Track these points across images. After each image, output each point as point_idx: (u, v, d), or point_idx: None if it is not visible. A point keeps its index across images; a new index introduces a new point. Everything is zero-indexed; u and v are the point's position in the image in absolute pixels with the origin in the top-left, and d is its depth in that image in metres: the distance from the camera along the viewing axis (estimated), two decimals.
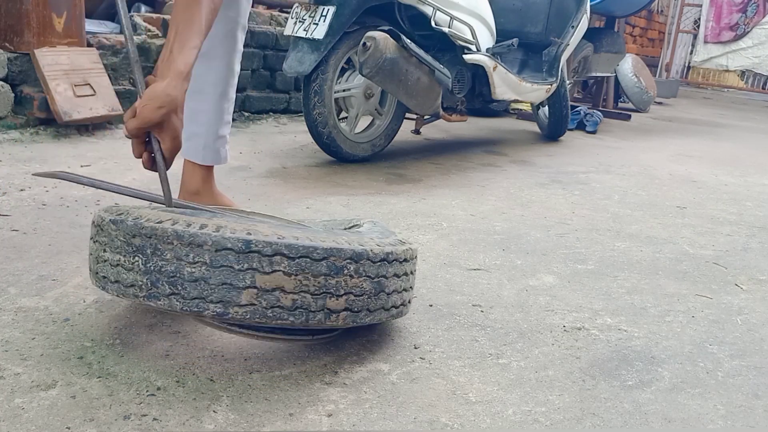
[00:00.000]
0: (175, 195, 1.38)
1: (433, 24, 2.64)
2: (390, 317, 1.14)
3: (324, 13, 2.49)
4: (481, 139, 3.77)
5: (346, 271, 1.03)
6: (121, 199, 1.87)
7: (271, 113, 3.77)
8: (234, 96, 1.74)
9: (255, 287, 0.98)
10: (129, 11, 3.40)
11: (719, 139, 4.75)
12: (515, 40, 3.02)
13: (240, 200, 2.07)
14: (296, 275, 1.00)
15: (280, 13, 4.22)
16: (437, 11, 2.63)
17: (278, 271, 0.99)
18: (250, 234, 0.99)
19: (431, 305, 1.42)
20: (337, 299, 1.04)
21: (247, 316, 0.99)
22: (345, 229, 1.46)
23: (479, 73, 2.97)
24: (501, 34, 3.16)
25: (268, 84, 3.78)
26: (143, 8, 3.52)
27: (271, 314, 1.00)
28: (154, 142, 1.15)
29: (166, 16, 3.35)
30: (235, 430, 0.95)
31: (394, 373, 1.13)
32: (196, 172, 1.72)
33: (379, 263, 1.08)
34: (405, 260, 1.15)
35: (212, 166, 1.74)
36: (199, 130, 1.69)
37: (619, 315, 1.47)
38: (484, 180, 2.70)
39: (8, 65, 2.65)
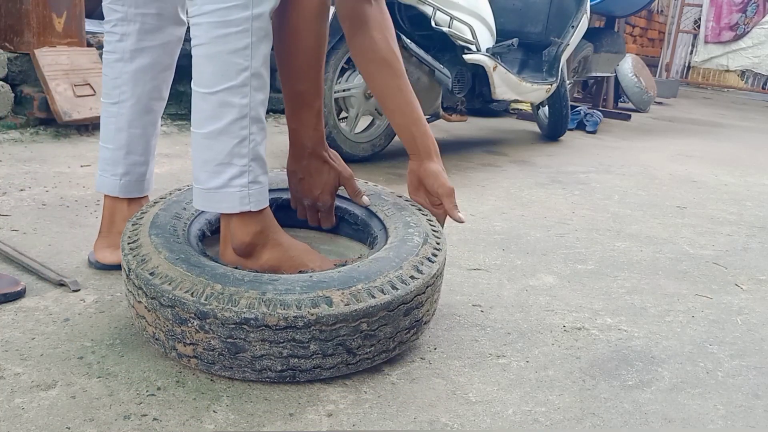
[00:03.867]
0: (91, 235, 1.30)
1: (433, 24, 2.64)
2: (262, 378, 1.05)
3: None
4: (481, 139, 3.77)
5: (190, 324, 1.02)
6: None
7: (271, 113, 3.77)
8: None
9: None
10: None
11: (719, 139, 4.75)
12: (515, 40, 3.02)
13: None
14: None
15: None
16: (437, 11, 2.63)
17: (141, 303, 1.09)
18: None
19: None
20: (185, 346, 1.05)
21: None
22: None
23: (479, 73, 2.97)
24: (501, 34, 3.16)
25: None
26: None
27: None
28: None
29: None
30: (235, 430, 0.95)
31: (394, 373, 1.13)
32: (128, 205, 1.46)
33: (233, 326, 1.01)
34: (289, 328, 1.00)
35: None
36: (143, 158, 1.44)
37: (619, 315, 1.47)
38: (484, 180, 2.70)
39: (8, 65, 2.65)
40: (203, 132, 1.12)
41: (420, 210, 1.37)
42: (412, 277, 1.11)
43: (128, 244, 1.16)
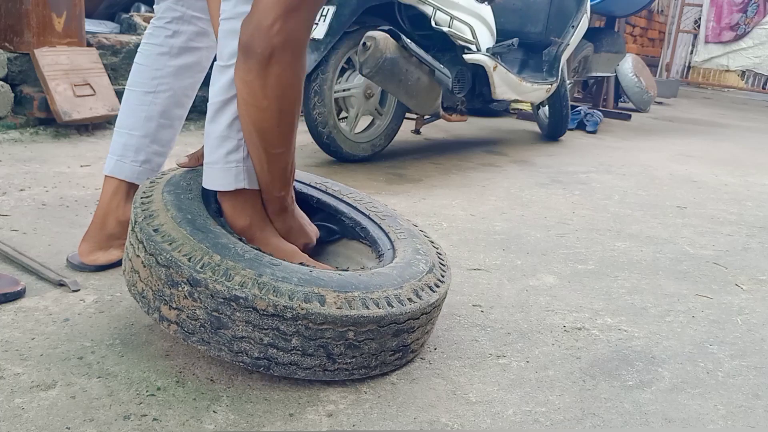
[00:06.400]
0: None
1: (433, 24, 2.64)
2: (239, 363, 1.04)
3: (324, 13, 2.49)
4: (481, 139, 3.77)
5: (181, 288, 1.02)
6: None
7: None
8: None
9: None
10: (129, 11, 3.40)
11: (719, 139, 4.75)
12: (515, 40, 3.02)
13: None
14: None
15: None
16: (437, 11, 2.63)
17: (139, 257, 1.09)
18: None
19: None
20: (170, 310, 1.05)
21: None
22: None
23: (479, 73, 2.96)
24: (501, 34, 3.16)
25: None
26: (143, 8, 3.52)
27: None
28: None
29: None
30: (235, 430, 0.95)
31: (394, 374, 1.13)
32: (130, 195, 1.48)
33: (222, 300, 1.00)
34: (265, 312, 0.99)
35: None
36: (164, 149, 1.49)
37: (619, 315, 1.47)
38: (484, 180, 2.70)
39: (8, 65, 2.65)
40: (214, 101, 1.17)
41: (432, 243, 1.35)
42: (409, 299, 1.10)
43: (140, 198, 1.16)
